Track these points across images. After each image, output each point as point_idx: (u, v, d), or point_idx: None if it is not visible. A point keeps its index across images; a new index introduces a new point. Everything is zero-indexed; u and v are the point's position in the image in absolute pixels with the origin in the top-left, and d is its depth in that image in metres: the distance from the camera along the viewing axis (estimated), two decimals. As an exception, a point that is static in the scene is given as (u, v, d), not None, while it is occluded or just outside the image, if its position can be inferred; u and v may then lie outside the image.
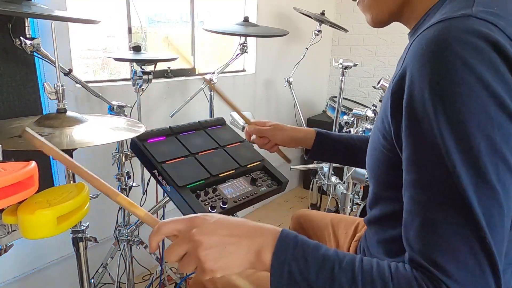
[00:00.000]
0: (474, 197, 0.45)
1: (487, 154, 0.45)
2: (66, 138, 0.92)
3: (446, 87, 0.46)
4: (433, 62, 0.47)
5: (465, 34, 0.46)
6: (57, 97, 1.01)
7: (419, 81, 0.48)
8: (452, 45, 0.45)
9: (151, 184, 1.52)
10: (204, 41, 2.29)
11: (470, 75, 0.45)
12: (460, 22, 0.47)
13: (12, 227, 0.71)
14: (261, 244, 0.52)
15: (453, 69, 0.45)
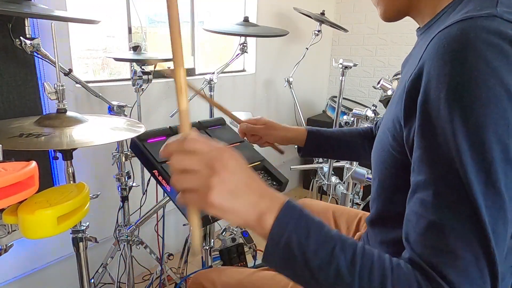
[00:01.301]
0: (483, 204, 0.44)
1: (500, 162, 0.44)
2: (66, 138, 0.92)
3: (466, 88, 0.44)
4: (454, 61, 0.45)
5: (490, 34, 0.44)
6: (57, 97, 1.02)
7: (437, 80, 0.46)
8: (476, 45, 0.44)
9: (151, 184, 1.52)
10: (204, 41, 2.29)
11: (493, 77, 0.43)
12: (485, 22, 0.45)
13: (12, 227, 0.71)
14: (266, 208, 0.49)
15: (476, 71, 0.43)
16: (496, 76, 0.43)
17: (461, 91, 0.44)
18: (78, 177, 1.05)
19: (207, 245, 1.48)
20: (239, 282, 0.91)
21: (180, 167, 0.47)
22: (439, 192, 0.46)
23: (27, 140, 0.88)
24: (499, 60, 0.43)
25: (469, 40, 0.44)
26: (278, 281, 0.88)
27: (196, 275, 0.99)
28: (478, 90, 0.43)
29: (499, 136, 0.43)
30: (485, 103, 0.43)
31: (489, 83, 0.43)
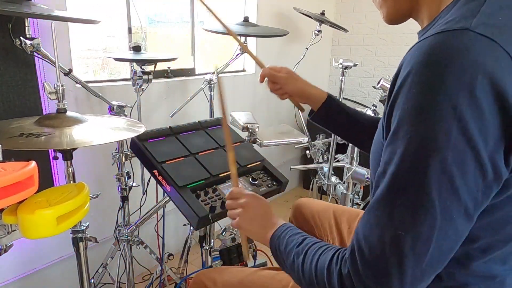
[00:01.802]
0: (410, 208, 0.48)
1: (435, 172, 0.47)
2: (66, 138, 0.92)
3: (419, 101, 0.48)
4: (418, 74, 0.48)
5: (454, 52, 0.46)
6: (57, 97, 1.01)
7: (404, 87, 0.49)
8: (436, 63, 0.47)
9: (151, 184, 1.52)
10: (204, 41, 2.29)
11: (443, 94, 0.46)
12: (454, 38, 0.47)
13: (12, 227, 0.71)
14: (269, 228, 0.75)
15: (430, 87, 0.46)
16: (446, 94, 0.45)
17: (416, 103, 0.48)
18: (78, 177, 1.05)
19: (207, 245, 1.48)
20: (240, 280, 0.91)
21: (229, 208, 0.84)
22: (378, 190, 0.52)
23: (27, 140, 0.88)
24: (453, 80, 0.45)
25: (433, 57, 0.47)
26: (279, 280, 0.88)
27: (198, 274, 0.99)
28: (428, 107, 0.47)
29: (437, 148, 0.46)
30: (430, 116, 0.47)
31: (438, 101, 0.46)
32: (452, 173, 0.46)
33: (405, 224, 0.48)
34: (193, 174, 1.07)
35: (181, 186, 1.02)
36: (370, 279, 0.50)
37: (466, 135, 0.46)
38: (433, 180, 0.47)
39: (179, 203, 1.01)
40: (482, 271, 0.58)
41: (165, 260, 1.63)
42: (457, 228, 0.49)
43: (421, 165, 0.47)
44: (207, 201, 1.03)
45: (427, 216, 0.47)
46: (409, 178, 0.48)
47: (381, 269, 0.49)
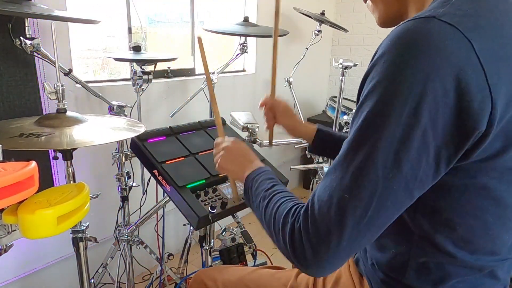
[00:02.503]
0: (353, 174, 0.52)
1: (384, 145, 0.50)
2: (66, 138, 0.92)
3: (383, 79, 0.50)
4: (386, 54, 0.51)
5: (419, 36, 0.49)
6: (57, 97, 1.01)
7: (375, 66, 0.52)
8: (402, 45, 0.49)
9: (151, 184, 1.52)
10: (204, 41, 2.29)
11: (404, 76, 0.48)
12: (420, 24, 0.49)
13: (12, 227, 0.71)
14: (248, 169, 0.81)
15: (394, 67, 0.49)
16: (407, 74, 0.48)
17: (377, 80, 0.51)
18: (78, 177, 1.05)
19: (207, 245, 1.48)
20: (239, 279, 0.91)
21: (214, 154, 0.90)
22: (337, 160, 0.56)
23: (27, 140, 0.88)
24: (414, 61, 0.48)
25: (400, 39, 0.50)
26: (278, 278, 0.89)
27: (198, 273, 0.99)
28: (389, 83, 0.50)
29: (389, 125, 0.49)
30: (390, 94, 0.50)
31: (399, 79, 0.49)
32: (398, 148, 0.49)
33: (351, 188, 0.52)
34: (193, 174, 1.07)
35: (181, 186, 1.02)
36: (314, 235, 0.54)
37: (417, 116, 0.48)
38: (380, 152, 0.50)
39: (179, 203, 1.01)
40: (469, 261, 0.59)
41: (165, 260, 1.63)
42: (396, 200, 0.52)
43: (373, 136, 0.50)
44: (207, 201, 1.03)
45: (370, 183, 0.51)
46: (361, 148, 0.52)
47: (324, 227, 0.53)
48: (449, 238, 0.58)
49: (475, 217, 0.57)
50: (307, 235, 0.55)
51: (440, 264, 0.60)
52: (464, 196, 0.55)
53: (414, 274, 0.62)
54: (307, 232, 0.55)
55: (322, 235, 0.53)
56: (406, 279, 0.63)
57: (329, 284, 0.81)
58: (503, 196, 0.56)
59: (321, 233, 0.53)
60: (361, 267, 0.75)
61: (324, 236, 0.53)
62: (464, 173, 0.54)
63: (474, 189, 0.55)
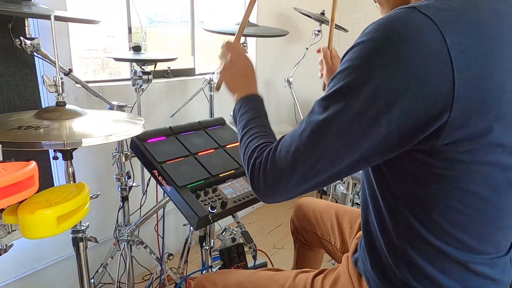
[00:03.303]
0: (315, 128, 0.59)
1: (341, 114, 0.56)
2: (65, 130, 0.92)
3: (355, 56, 0.55)
4: (364, 37, 0.56)
5: (396, 22, 0.51)
6: (56, 90, 1.01)
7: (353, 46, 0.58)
8: (380, 29, 0.53)
9: (151, 184, 1.52)
10: (204, 41, 2.29)
11: (373, 57, 0.53)
12: (401, 13, 0.52)
13: (12, 227, 0.71)
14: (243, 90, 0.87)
15: (368, 47, 0.54)
16: (377, 56, 0.52)
17: (352, 56, 0.56)
18: (78, 177, 1.05)
19: (207, 245, 1.48)
20: (239, 282, 0.92)
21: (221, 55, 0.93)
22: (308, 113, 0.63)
23: (26, 132, 0.87)
24: (387, 45, 0.51)
25: (381, 24, 0.53)
26: (276, 279, 0.89)
27: (199, 278, 1.00)
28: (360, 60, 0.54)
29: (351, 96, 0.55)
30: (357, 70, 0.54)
31: (369, 58, 0.53)
32: (352, 119, 0.54)
33: (306, 142, 0.59)
34: (193, 174, 1.07)
35: (181, 186, 1.02)
36: (269, 174, 0.64)
37: (375, 98, 0.52)
38: (337, 119, 0.56)
39: (179, 203, 1.01)
40: (460, 258, 0.60)
41: (165, 260, 1.63)
42: (342, 162, 0.58)
43: (335, 104, 0.56)
44: (207, 201, 1.03)
45: (323, 143, 0.58)
46: (324, 111, 0.58)
47: (279, 167, 0.63)
48: (435, 232, 0.59)
49: (457, 211, 0.57)
50: (264, 170, 0.65)
51: (427, 257, 0.61)
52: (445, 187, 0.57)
53: (407, 271, 0.63)
54: (265, 168, 0.65)
55: (276, 173, 0.63)
56: (400, 277, 0.64)
57: (328, 284, 0.82)
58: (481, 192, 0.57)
59: (275, 171, 0.63)
60: (360, 267, 0.76)
61: (277, 174, 0.63)
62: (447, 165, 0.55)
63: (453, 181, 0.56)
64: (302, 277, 0.87)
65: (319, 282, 0.84)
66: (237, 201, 1.07)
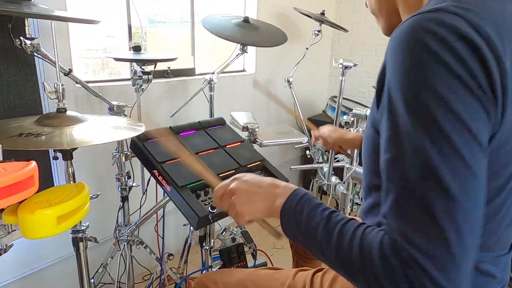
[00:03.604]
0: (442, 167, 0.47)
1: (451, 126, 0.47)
2: (66, 137, 0.92)
3: (411, 73, 0.49)
4: (402, 50, 0.51)
5: (432, 24, 0.49)
6: (57, 97, 1.01)
7: (392, 68, 0.52)
8: (419, 35, 0.49)
9: (151, 184, 1.52)
10: (204, 41, 2.29)
11: (434, 61, 0.48)
12: (430, 15, 0.50)
13: (12, 227, 0.71)
14: (278, 196, 0.65)
15: (419, 57, 0.49)
16: (437, 59, 0.48)
17: (407, 76, 0.50)
18: (78, 177, 1.05)
19: (207, 245, 1.48)
20: (239, 280, 0.92)
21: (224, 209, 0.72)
22: (401, 166, 0.50)
23: (26, 139, 0.88)
24: (438, 46, 0.48)
25: (414, 31, 0.50)
26: (276, 278, 0.90)
27: (200, 277, 1.00)
28: (421, 73, 0.48)
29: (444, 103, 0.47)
30: (427, 81, 0.48)
31: (430, 66, 0.48)
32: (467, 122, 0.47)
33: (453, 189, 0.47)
34: (193, 174, 1.07)
35: (181, 186, 1.02)
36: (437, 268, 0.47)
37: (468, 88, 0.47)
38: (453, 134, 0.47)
39: (179, 203, 1.01)
40: None
41: (165, 260, 1.63)
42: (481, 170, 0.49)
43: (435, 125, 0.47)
44: (207, 201, 1.03)
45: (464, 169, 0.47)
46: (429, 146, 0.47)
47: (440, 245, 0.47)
48: None
49: None
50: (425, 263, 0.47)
51: None
52: None
53: None
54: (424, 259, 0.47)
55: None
56: None
57: (327, 282, 0.82)
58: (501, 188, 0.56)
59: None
60: None
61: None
62: None
63: None
64: (301, 275, 0.88)
65: (318, 279, 0.84)
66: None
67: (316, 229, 0.58)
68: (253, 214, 0.67)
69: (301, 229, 0.60)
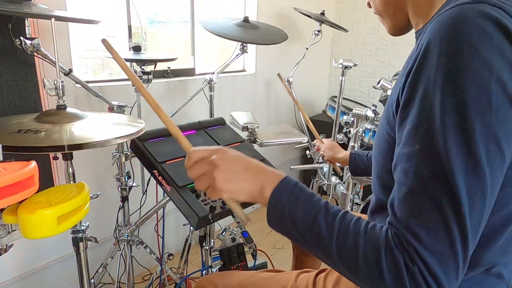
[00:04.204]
0: (461, 173, 0.47)
1: (481, 135, 0.46)
2: (66, 134, 0.91)
3: (451, 67, 0.47)
4: (443, 43, 0.48)
5: (476, 17, 0.47)
6: (56, 93, 1.01)
7: (430, 60, 0.49)
8: (462, 28, 0.47)
9: (151, 184, 1.52)
10: (204, 41, 2.29)
11: (476, 58, 0.46)
12: (472, 7, 0.49)
13: (12, 227, 0.71)
14: (266, 181, 0.60)
15: (461, 52, 0.47)
16: (479, 56, 0.46)
17: (447, 69, 0.48)
18: (78, 177, 1.05)
19: (207, 245, 1.48)
20: (240, 283, 0.92)
21: (194, 176, 0.63)
22: (420, 161, 0.49)
23: (25, 136, 0.87)
24: (482, 41, 0.46)
25: (456, 23, 0.48)
26: (278, 280, 0.89)
27: (200, 280, 1.00)
28: (462, 70, 0.47)
29: (479, 110, 0.46)
30: (467, 80, 0.46)
31: (471, 63, 0.46)
32: (498, 135, 0.47)
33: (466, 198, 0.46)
34: (193, 174, 1.07)
35: (181, 186, 1.02)
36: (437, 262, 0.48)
37: (506, 95, 0.46)
38: (480, 146, 0.46)
39: (179, 203, 1.01)
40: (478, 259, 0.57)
41: (165, 260, 1.63)
42: (498, 187, 0.50)
43: (466, 132, 0.46)
44: (207, 201, 1.03)
45: (480, 183, 0.47)
46: (455, 149, 0.46)
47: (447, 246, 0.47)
48: None
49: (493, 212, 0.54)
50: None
51: None
52: None
53: None
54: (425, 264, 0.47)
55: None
56: None
57: (330, 283, 0.81)
58: None
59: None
60: None
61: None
62: None
63: None
64: (304, 277, 0.87)
65: (321, 281, 0.84)
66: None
67: (315, 219, 0.55)
68: (233, 194, 0.61)
69: (296, 220, 0.56)
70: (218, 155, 0.61)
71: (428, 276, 0.47)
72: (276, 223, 0.59)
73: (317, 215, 0.55)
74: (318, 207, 0.56)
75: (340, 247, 0.53)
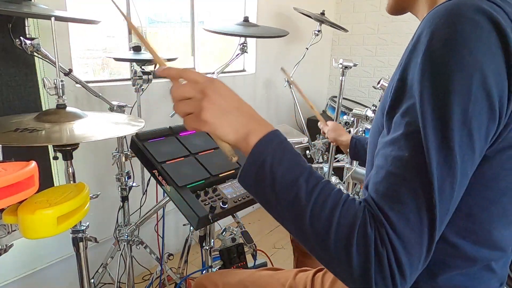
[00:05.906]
0: (435, 159, 0.47)
1: (457, 124, 0.47)
2: (66, 133, 0.91)
3: (439, 55, 0.48)
4: (435, 32, 0.49)
5: (470, 10, 0.48)
6: (56, 93, 1.01)
7: (420, 48, 0.51)
8: (455, 19, 0.49)
9: (151, 184, 1.52)
10: (204, 41, 2.29)
11: (464, 48, 0.47)
12: (468, 1, 0.49)
13: (12, 227, 0.71)
14: (254, 129, 0.56)
15: (450, 41, 0.48)
16: (467, 47, 0.47)
17: (434, 57, 0.49)
18: (78, 177, 1.05)
19: (207, 245, 1.48)
20: (239, 281, 0.92)
21: (178, 95, 0.57)
22: (399, 146, 0.50)
23: (20, 135, 0.87)
24: (472, 33, 0.47)
25: (450, 15, 0.49)
26: (277, 279, 0.89)
27: (200, 278, 1.00)
28: (448, 58, 0.48)
29: (461, 100, 0.47)
30: (453, 70, 0.47)
31: (458, 53, 0.47)
32: (472, 125, 0.48)
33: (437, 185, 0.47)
34: (193, 174, 1.07)
35: (181, 186, 1.02)
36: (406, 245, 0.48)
37: (485, 88, 0.47)
38: (455, 134, 0.47)
39: (179, 203, 1.01)
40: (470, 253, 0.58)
41: (165, 260, 1.63)
42: (467, 182, 0.51)
43: (443, 119, 0.47)
44: (207, 201, 1.03)
45: (450, 171, 0.48)
46: (432, 134, 0.48)
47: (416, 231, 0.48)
48: (453, 228, 0.56)
49: (482, 208, 0.56)
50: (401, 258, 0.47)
51: (440, 255, 0.58)
52: (476, 186, 0.54)
53: None
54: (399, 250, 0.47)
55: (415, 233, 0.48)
56: None
57: (328, 280, 0.82)
58: (510, 188, 0.56)
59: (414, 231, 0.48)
60: None
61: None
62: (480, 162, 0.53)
63: (484, 180, 0.54)
64: (302, 275, 0.88)
65: (319, 279, 0.84)
66: (237, 201, 1.07)
67: (296, 180, 0.52)
68: (216, 130, 0.56)
69: (276, 175, 0.52)
70: (213, 85, 0.56)
71: (393, 262, 0.47)
72: (251, 176, 0.55)
73: (300, 175, 0.52)
74: (302, 168, 0.54)
75: (315, 213, 0.50)
